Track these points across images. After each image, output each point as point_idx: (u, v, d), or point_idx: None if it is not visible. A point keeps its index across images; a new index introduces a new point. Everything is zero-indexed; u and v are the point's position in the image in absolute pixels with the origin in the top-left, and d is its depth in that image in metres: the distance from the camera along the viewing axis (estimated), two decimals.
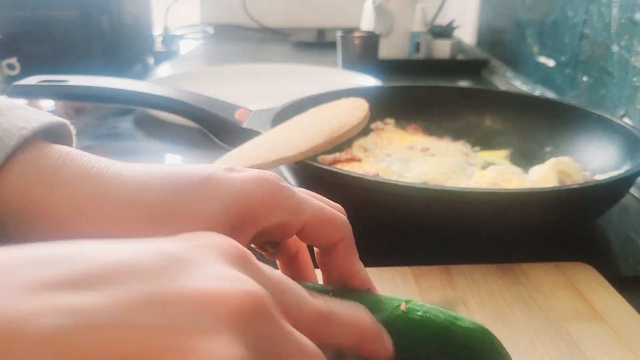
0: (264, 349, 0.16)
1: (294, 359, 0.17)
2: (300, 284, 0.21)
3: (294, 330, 0.17)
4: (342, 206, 0.30)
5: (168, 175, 0.25)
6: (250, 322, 0.15)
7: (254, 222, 0.26)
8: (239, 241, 0.24)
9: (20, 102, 0.28)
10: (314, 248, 0.30)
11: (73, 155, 0.25)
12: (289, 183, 0.28)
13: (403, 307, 0.25)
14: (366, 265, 0.30)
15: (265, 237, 0.28)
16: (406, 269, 0.42)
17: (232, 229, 0.25)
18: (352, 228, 0.29)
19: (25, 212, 0.23)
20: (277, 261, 0.31)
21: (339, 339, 0.21)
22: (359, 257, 0.30)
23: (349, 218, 0.29)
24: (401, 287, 0.40)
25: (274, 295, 0.17)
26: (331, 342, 0.20)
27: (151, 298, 0.14)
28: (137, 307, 0.14)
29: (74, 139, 0.29)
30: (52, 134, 0.27)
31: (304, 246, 0.31)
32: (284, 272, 0.31)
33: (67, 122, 0.28)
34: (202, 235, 0.18)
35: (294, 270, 0.31)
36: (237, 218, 0.25)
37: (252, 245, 0.30)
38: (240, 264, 0.18)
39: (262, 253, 0.31)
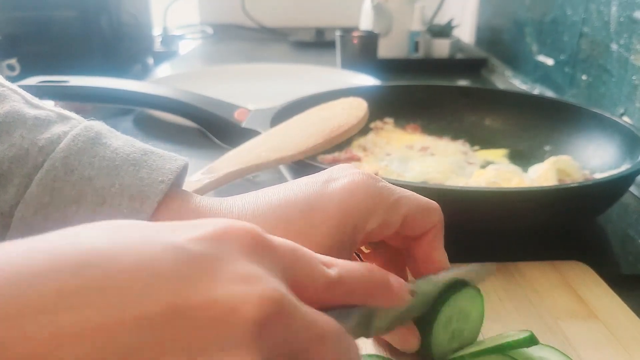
0: (286, 343, 0.17)
1: (315, 344, 0.18)
2: None
3: (310, 315, 0.18)
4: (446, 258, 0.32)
5: (282, 208, 0.28)
6: (270, 326, 0.16)
7: (362, 227, 0.28)
8: (350, 249, 0.28)
9: (50, 103, 0.30)
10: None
11: (199, 202, 0.29)
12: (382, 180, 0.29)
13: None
14: None
15: (369, 239, 0.29)
16: None
17: (342, 241, 0.27)
18: None
19: None
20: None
21: (350, 299, 0.22)
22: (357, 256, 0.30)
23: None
24: None
25: (288, 270, 0.19)
26: (344, 303, 0.22)
27: (173, 312, 0.15)
28: (159, 323, 0.14)
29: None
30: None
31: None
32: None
33: (186, 161, 0.31)
34: (220, 224, 0.18)
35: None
36: (344, 230, 0.27)
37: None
38: (258, 252, 0.18)
39: (360, 254, 0.32)
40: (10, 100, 0.29)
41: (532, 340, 0.31)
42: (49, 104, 0.31)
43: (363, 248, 0.32)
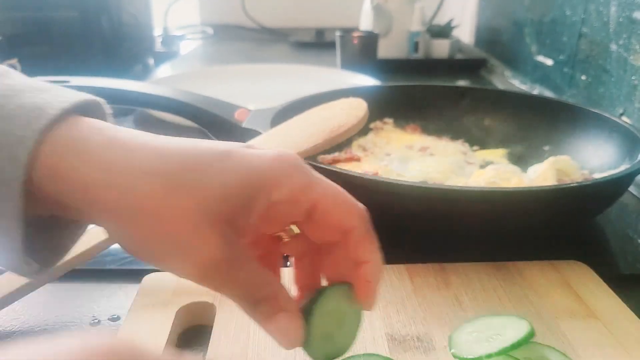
0: None
1: None
2: None
3: None
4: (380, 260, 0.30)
5: (189, 148, 0.27)
6: None
7: (266, 194, 0.26)
8: (250, 214, 0.26)
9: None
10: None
11: (102, 127, 0.27)
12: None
13: None
14: None
15: (276, 215, 0.28)
16: (401, 267, 0.42)
17: (245, 202, 0.26)
18: None
19: (60, 177, 0.25)
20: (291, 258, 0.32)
21: None
22: None
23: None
24: (396, 285, 0.40)
25: None
26: None
27: None
28: None
29: (109, 117, 0.31)
30: (89, 111, 0.29)
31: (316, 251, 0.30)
32: (296, 269, 0.31)
33: (102, 101, 0.30)
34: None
35: (304, 271, 0.31)
36: (251, 191, 0.26)
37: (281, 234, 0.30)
38: None
39: (282, 237, 0.31)
40: None
41: (530, 334, 0.31)
42: None
43: (294, 228, 0.30)
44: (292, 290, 0.30)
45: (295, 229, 0.30)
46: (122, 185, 0.25)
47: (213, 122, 0.63)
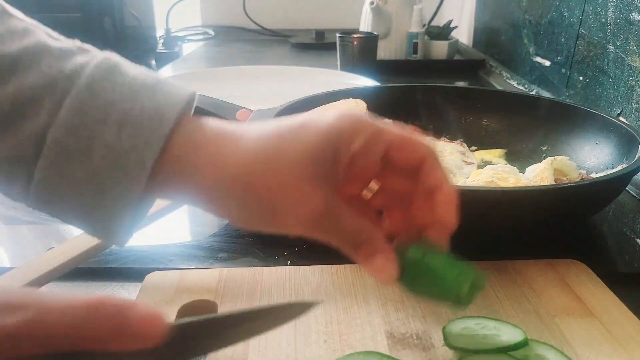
0: None
1: None
2: None
3: None
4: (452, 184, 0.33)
5: (277, 124, 0.32)
6: None
7: (346, 146, 0.30)
8: (339, 168, 0.31)
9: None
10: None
11: (207, 123, 0.33)
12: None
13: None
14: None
15: (358, 169, 0.32)
16: None
17: (331, 156, 0.30)
18: None
19: (181, 172, 0.30)
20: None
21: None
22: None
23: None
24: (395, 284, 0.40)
25: None
26: None
27: None
28: None
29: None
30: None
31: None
32: (387, 219, 0.35)
33: (194, 91, 0.35)
34: None
35: (394, 220, 0.35)
36: (334, 145, 0.30)
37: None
38: None
39: (367, 195, 0.35)
40: (35, 34, 0.32)
41: (524, 342, 0.32)
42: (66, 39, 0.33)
43: (373, 183, 0.34)
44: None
45: (374, 185, 0.35)
46: (237, 164, 0.30)
47: None
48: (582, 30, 0.81)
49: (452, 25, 1.28)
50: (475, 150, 0.67)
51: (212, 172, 0.30)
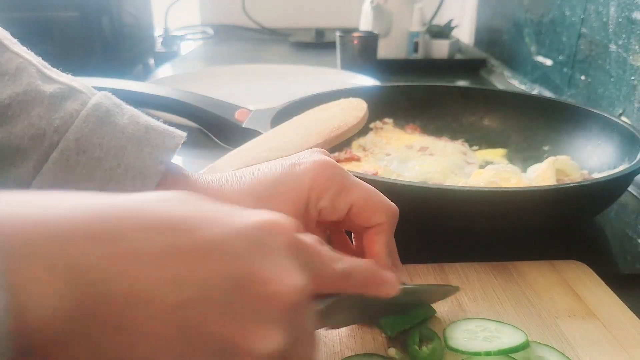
0: (299, 327, 0.22)
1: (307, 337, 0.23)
2: None
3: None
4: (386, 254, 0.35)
5: (258, 181, 0.33)
6: (293, 313, 0.21)
7: (315, 203, 0.32)
8: (308, 219, 0.32)
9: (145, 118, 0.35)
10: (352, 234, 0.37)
11: (191, 179, 0.34)
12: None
13: None
14: None
15: (322, 217, 0.33)
16: None
17: (303, 211, 0.32)
18: None
19: None
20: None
21: (353, 288, 0.27)
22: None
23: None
24: None
25: (311, 265, 0.23)
26: (346, 291, 0.27)
27: (233, 282, 0.20)
28: (221, 286, 0.19)
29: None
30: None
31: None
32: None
33: (183, 136, 0.35)
34: (268, 218, 0.22)
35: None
36: (306, 201, 0.32)
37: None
38: (295, 248, 0.23)
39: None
40: (27, 74, 0.32)
41: (525, 344, 0.32)
42: (59, 73, 0.34)
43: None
44: None
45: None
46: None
47: (213, 122, 0.63)
48: (584, 30, 0.81)
49: (453, 24, 1.27)
50: (477, 150, 0.66)
51: None
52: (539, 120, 0.66)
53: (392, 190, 0.43)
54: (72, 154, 0.30)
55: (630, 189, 0.60)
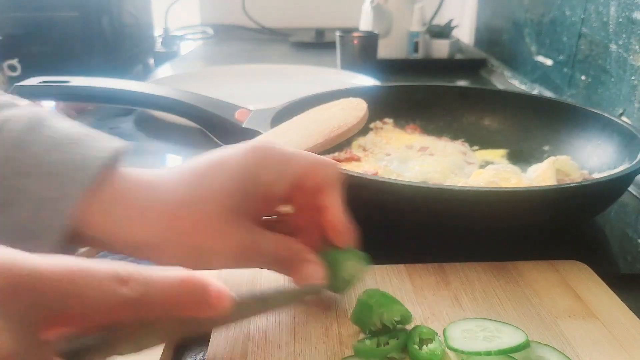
0: None
1: None
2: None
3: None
4: (341, 205, 0.36)
5: (194, 168, 0.33)
6: None
7: (254, 181, 0.33)
8: (251, 200, 0.33)
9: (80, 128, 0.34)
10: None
11: (129, 175, 0.33)
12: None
13: None
14: None
15: (272, 191, 0.34)
16: (401, 267, 0.42)
17: (244, 193, 0.32)
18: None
19: (102, 215, 0.31)
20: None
21: (156, 312, 0.25)
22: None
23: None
24: (396, 285, 0.40)
25: (53, 303, 0.21)
26: (149, 316, 0.25)
27: None
28: None
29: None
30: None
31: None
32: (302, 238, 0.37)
33: (129, 145, 0.35)
34: None
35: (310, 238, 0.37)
36: (242, 181, 0.32)
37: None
38: (3, 298, 0.20)
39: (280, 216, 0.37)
40: None
41: (526, 344, 0.32)
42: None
43: (289, 208, 0.37)
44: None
45: (287, 208, 0.37)
46: (158, 212, 0.32)
47: (213, 122, 0.63)
48: (584, 30, 0.81)
49: (453, 24, 1.27)
50: (477, 150, 0.66)
51: (138, 222, 0.31)
52: (539, 121, 0.65)
53: (392, 190, 0.43)
54: (10, 152, 0.30)
55: (630, 189, 0.60)
